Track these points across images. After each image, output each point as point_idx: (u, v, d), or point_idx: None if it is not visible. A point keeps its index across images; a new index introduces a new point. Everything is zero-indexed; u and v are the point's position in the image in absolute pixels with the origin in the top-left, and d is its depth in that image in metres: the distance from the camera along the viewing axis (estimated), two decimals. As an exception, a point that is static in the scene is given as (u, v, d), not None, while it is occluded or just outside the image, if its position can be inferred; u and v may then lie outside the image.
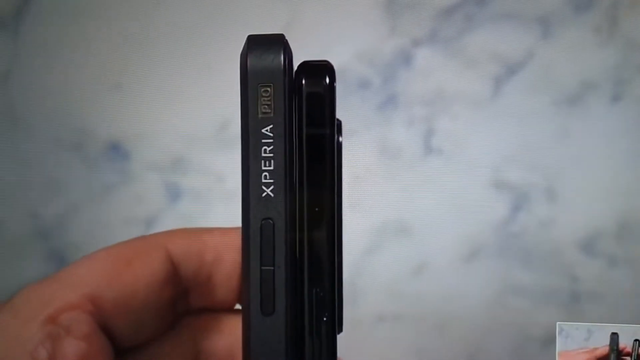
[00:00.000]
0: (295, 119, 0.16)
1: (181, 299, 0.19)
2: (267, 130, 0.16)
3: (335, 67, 0.18)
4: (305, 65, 0.16)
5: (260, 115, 0.15)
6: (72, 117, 0.34)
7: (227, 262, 0.19)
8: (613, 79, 0.33)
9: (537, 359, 0.32)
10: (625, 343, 0.28)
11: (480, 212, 0.33)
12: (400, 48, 0.33)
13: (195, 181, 0.34)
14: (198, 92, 0.34)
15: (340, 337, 0.18)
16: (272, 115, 0.15)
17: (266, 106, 0.15)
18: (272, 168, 0.16)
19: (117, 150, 0.34)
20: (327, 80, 0.16)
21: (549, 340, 0.29)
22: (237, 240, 0.18)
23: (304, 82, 0.16)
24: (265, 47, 0.16)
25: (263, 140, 0.15)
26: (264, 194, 0.16)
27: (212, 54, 0.34)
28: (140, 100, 0.34)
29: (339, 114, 0.17)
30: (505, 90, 0.33)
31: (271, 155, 0.16)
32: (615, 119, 0.33)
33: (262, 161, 0.16)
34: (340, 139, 0.17)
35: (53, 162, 0.34)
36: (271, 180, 0.16)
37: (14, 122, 0.34)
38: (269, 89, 0.15)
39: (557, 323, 0.28)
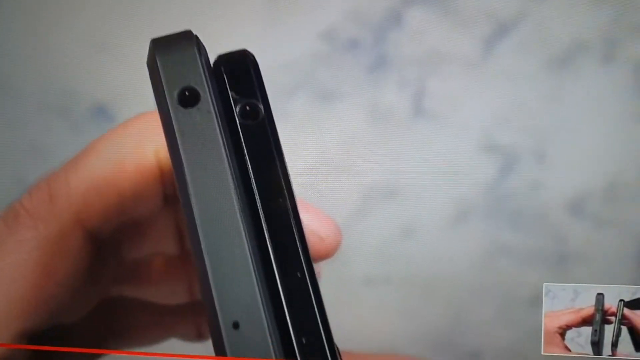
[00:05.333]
0: None
1: (103, 241, 0.17)
2: None
3: (324, 28, 0.16)
4: None
5: None
6: (56, 79, 0.34)
7: (148, 193, 0.17)
8: (606, 39, 0.32)
9: (523, 319, 0.32)
10: (611, 303, 0.28)
11: (469, 174, 0.33)
12: (391, 7, 0.33)
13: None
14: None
15: (327, 300, 0.18)
16: None
17: None
18: None
19: (103, 114, 0.34)
20: None
21: (536, 301, 0.29)
22: (154, 169, 0.16)
23: None
24: None
25: None
26: None
27: (197, 15, 0.33)
28: (126, 63, 0.33)
29: (327, 75, 0.16)
30: (497, 51, 0.33)
31: None
32: (607, 80, 0.32)
33: None
34: None
35: (38, 125, 0.34)
36: None
37: (-4, 85, 0.34)
38: None
39: (544, 284, 0.28)
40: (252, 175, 0.14)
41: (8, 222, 0.16)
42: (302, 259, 0.14)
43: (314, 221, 0.18)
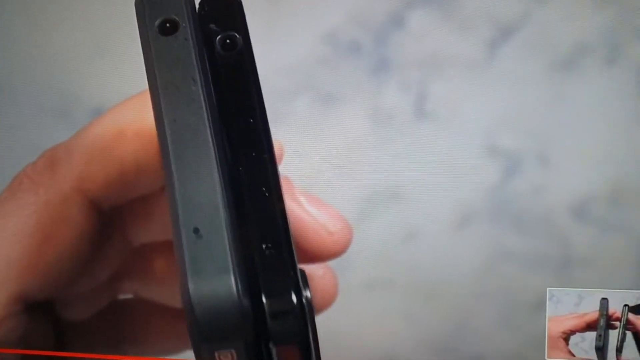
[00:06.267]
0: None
1: (108, 216, 0.17)
2: None
3: (326, 30, 0.17)
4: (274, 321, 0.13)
5: None
6: (56, 82, 0.34)
7: (150, 165, 0.17)
8: (609, 42, 0.32)
9: (527, 324, 0.32)
10: (615, 308, 0.28)
11: (472, 178, 0.33)
12: (393, 10, 0.33)
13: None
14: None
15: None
16: None
17: None
18: None
19: (103, 116, 0.34)
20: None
21: (540, 306, 0.29)
22: (155, 138, 0.16)
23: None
24: (212, 288, 0.12)
25: None
26: None
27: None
28: (125, 65, 0.33)
29: (329, 78, 0.16)
30: (500, 54, 0.33)
31: None
32: (610, 83, 0.32)
33: None
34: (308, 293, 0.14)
35: (37, 128, 0.34)
36: None
37: (-4, 88, 0.34)
38: (229, 354, 0.13)
39: (548, 288, 0.28)
40: (227, 101, 0.15)
41: (12, 189, 0.17)
42: (270, 177, 0.14)
43: (323, 215, 0.17)
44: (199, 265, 0.12)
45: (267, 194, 0.14)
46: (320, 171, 0.33)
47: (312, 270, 0.18)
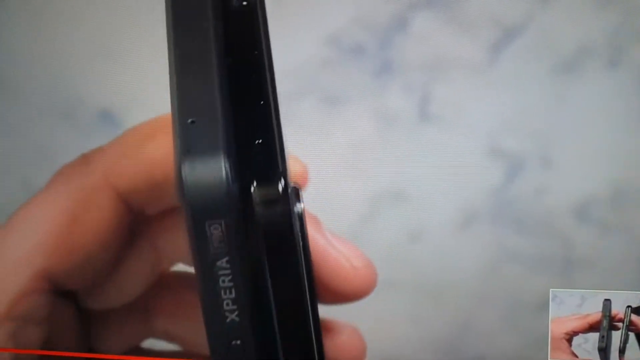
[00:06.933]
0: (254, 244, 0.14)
1: (136, 220, 0.18)
2: (222, 262, 0.14)
3: (330, 33, 0.17)
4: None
5: (212, 251, 0.13)
6: (61, 83, 0.34)
7: None
8: (611, 44, 0.32)
9: (530, 324, 0.32)
10: (618, 309, 0.28)
11: (476, 179, 0.33)
12: (396, 12, 0.33)
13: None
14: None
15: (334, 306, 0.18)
16: (227, 249, 0.13)
17: (218, 242, 0.13)
18: (233, 296, 0.14)
19: (108, 118, 0.34)
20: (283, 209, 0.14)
21: (542, 307, 0.29)
22: None
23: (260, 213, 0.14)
24: (203, 161, 0.13)
25: (220, 272, 0.14)
26: (228, 319, 0.14)
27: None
28: (131, 67, 0.33)
29: (333, 80, 0.16)
30: (503, 56, 0.33)
31: (231, 284, 0.14)
32: (612, 84, 0.32)
33: (222, 291, 0.14)
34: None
35: (43, 129, 0.34)
36: (234, 307, 0.14)
37: (1, 89, 0.34)
38: (219, 225, 0.13)
39: (551, 289, 0.28)
40: (236, 39, 0.16)
41: (48, 184, 0.18)
42: (267, 89, 0.15)
43: (348, 251, 0.18)
44: (191, 145, 0.13)
45: (262, 102, 0.15)
46: (324, 173, 0.33)
47: (338, 329, 0.18)
